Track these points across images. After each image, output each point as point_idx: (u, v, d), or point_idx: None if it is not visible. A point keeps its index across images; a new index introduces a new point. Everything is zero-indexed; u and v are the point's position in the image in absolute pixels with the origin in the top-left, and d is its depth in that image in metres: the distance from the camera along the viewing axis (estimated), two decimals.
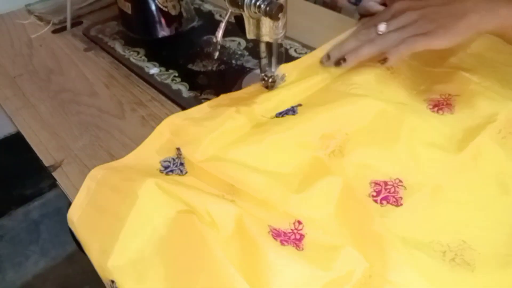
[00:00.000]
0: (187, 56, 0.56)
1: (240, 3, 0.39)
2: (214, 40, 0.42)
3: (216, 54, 0.42)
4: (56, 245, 1.25)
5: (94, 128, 0.46)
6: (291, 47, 0.57)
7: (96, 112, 0.48)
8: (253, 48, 0.56)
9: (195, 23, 0.64)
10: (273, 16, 0.38)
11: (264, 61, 0.47)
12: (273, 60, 0.47)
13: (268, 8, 0.37)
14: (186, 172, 0.38)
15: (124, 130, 0.46)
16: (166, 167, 0.39)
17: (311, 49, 0.55)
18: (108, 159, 0.42)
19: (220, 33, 0.41)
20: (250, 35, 0.44)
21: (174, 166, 0.39)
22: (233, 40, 0.59)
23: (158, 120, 0.47)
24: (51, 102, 0.50)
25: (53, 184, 1.37)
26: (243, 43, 0.58)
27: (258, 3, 0.38)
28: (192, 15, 0.64)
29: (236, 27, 0.45)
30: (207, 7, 0.67)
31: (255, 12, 0.39)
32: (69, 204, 0.80)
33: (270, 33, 0.43)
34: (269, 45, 0.45)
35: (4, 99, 0.52)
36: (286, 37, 0.58)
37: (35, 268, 1.20)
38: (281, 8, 0.38)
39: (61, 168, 0.42)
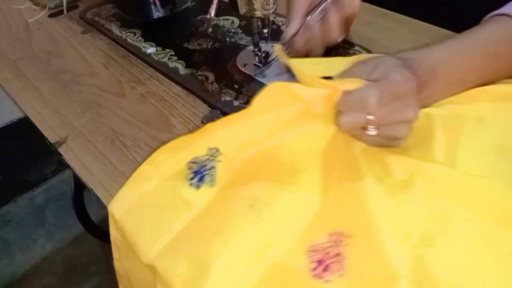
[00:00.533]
0: (182, 35, 0.58)
1: None
2: (208, 16, 0.43)
3: (210, 30, 0.44)
4: (62, 228, 1.29)
5: (96, 106, 0.48)
6: (283, 24, 0.58)
7: (96, 91, 0.50)
8: (246, 26, 0.58)
9: (189, 4, 0.65)
10: None
11: (256, 37, 0.49)
12: (266, 35, 0.49)
13: None
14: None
15: (124, 107, 0.48)
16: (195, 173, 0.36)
17: None
18: (111, 134, 0.44)
19: (213, 9, 0.43)
20: (242, 11, 0.45)
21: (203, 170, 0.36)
22: (227, 19, 0.60)
23: (157, 96, 0.49)
24: (52, 83, 0.52)
25: (57, 170, 1.40)
26: (237, 21, 0.59)
27: None
28: None
29: (229, 7, 0.46)
30: None
31: None
32: (76, 187, 0.82)
33: (261, 8, 0.44)
34: (261, 21, 0.47)
35: (5, 81, 0.54)
36: (279, 14, 0.60)
37: (43, 250, 1.24)
38: None
39: (66, 144, 0.44)
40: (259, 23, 0.47)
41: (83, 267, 1.20)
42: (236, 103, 0.46)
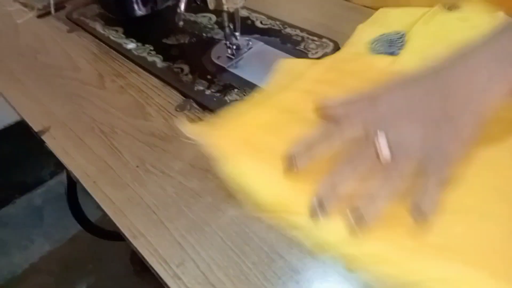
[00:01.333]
0: (162, 32, 0.61)
1: None
2: (178, 11, 0.47)
3: (181, 23, 0.47)
4: (59, 228, 1.31)
5: (78, 98, 0.51)
6: (257, 19, 0.61)
7: (79, 84, 0.53)
8: (222, 22, 0.61)
9: (170, 2, 0.68)
10: None
11: (227, 30, 0.52)
12: (236, 28, 0.52)
13: None
14: None
15: (104, 98, 0.51)
16: None
17: (276, 21, 0.59)
18: (91, 123, 0.47)
19: (182, 4, 0.46)
20: (211, 5, 0.48)
21: None
22: (205, 16, 0.63)
23: (135, 88, 0.52)
24: (38, 78, 0.55)
25: (54, 172, 1.43)
26: (214, 18, 0.62)
27: None
28: None
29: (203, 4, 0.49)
30: None
31: None
32: (69, 184, 0.84)
33: (229, 2, 0.48)
34: (231, 15, 0.50)
35: None
36: (253, 10, 0.63)
37: (41, 250, 1.27)
38: None
39: (49, 132, 0.47)
40: (228, 17, 0.50)
41: (80, 265, 1.22)
42: (208, 91, 0.48)
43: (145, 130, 0.45)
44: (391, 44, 0.48)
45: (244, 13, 0.63)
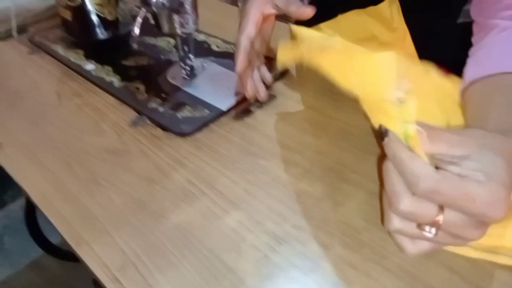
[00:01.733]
0: (122, 54, 0.64)
1: (148, 2, 0.47)
2: (133, 34, 0.50)
3: (135, 45, 0.50)
4: (21, 253, 1.28)
5: (35, 116, 0.53)
6: (213, 43, 0.65)
7: (36, 103, 0.55)
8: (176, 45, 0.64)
9: (131, 27, 0.71)
10: (175, 11, 0.46)
11: (181, 52, 0.55)
12: (190, 51, 0.55)
13: (169, 4, 0.46)
14: None
15: (60, 116, 0.52)
16: None
17: (231, 44, 0.63)
18: (46, 140, 0.49)
19: (136, 28, 0.49)
20: (165, 29, 0.52)
21: None
22: (164, 40, 0.67)
23: (92, 106, 0.54)
24: None
25: (16, 195, 1.40)
26: (172, 41, 0.66)
27: (161, 1, 0.46)
28: (128, 20, 0.71)
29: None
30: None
31: (162, 8, 0.47)
32: (28, 209, 0.83)
33: (182, 27, 0.51)
34: (185, 38, 0.54)
35: None
36: (209, 34, 0.67)
37: (1, 276, 1.23)
38: (181, 3, 0.46)
39: (1, 150, 0.48)
40: (182, 41, 0.54)
41: None
42: (161, 109, 0.51)
43: (98, 145, 0.47)
44: None
45: (201, 37, 0.67)
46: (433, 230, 0.27)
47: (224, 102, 0.51)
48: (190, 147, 0.46)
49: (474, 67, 0.40)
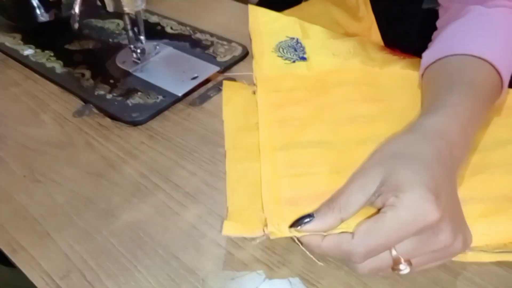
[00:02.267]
0: (65, 38, 0.58)
1: None
2: (73, 12, 0.44)
3: (76, 25, 0.45)
4: None
5: None
6: (167, 25, 0.60)
7: None
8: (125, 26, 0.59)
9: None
10: None
11: (131, 34, 0.50)
12: (140, 33, 0.51)
13: None
14: None
15: None
16: None
17: (187, 26, 0.59)
18: None
19: (77, 6, 0.44)
20: (110, 8, 0.47)
21: None
22: (112, 22, 0.61)
23: (30, 95, 0.48)
24: None
25: None
26: (122, 24, 0.61)
27: None
28: (72, 1, 0.65)
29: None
30: None
31: None
32: None
33: (130, 4, 0.46)
34: (133, 19, 0.49)
35: None
36: (164, 16, 0.62)
37: None
38: None
39: None
40: (131, 21, 0.49)
41: None
42: (109, 96, 0.47)
43: (37, 138, 0.42)
44: (296, 50, 0.50)
45: (154, 19, 0.62)
46: (403, 266, 0.26)
47: (179, 87, 0.47)
48: (142, 137, 0.42)
49: (428, 52, 0.40)
